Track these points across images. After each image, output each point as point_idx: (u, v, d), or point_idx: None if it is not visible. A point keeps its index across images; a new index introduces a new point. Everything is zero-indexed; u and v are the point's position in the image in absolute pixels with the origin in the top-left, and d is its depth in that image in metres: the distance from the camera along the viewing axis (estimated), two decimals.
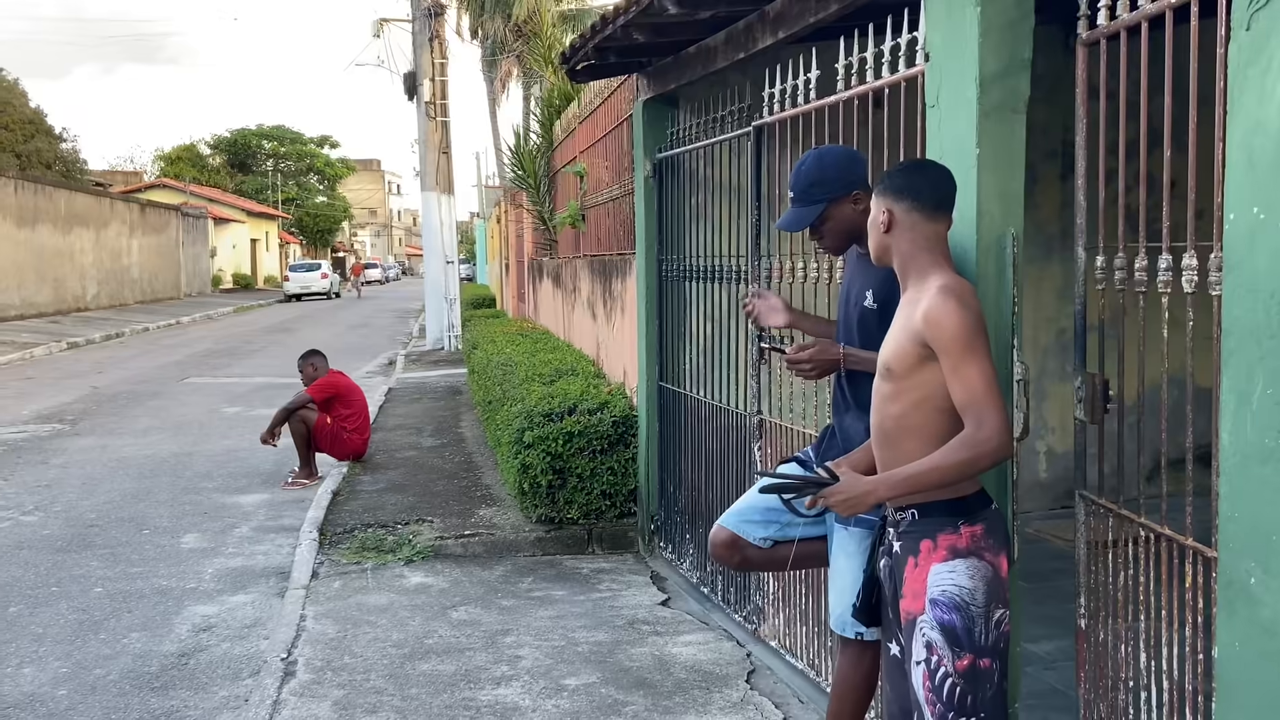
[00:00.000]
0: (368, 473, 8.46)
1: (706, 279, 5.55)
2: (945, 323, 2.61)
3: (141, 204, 39.29)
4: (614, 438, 6.44)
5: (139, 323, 28.56)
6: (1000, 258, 3.15)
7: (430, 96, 17.89)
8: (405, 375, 15.90)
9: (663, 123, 6.10)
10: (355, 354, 19.78)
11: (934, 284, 2.71)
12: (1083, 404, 3.11)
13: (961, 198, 3.18)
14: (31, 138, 41.79)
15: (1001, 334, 3.14)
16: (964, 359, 2.60)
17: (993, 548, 2.74)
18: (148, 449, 10.25)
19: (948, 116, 3.25)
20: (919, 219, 2.77)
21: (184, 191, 49.06)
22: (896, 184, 2.79)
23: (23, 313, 27.16)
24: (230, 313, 35.64)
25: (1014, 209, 3.18)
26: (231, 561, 6.50)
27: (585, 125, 8.96)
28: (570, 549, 6.50)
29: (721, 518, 3.51)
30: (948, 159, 3.25)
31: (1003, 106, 3.14)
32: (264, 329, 27.19)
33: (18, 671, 4.81)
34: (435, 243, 18.31)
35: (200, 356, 19.93)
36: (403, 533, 6.68)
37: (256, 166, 66.11)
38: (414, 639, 5.09)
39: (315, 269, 46.75)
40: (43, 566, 6.40)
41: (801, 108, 4.28)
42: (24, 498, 8.21)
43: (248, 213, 54.85)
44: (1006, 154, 3.16)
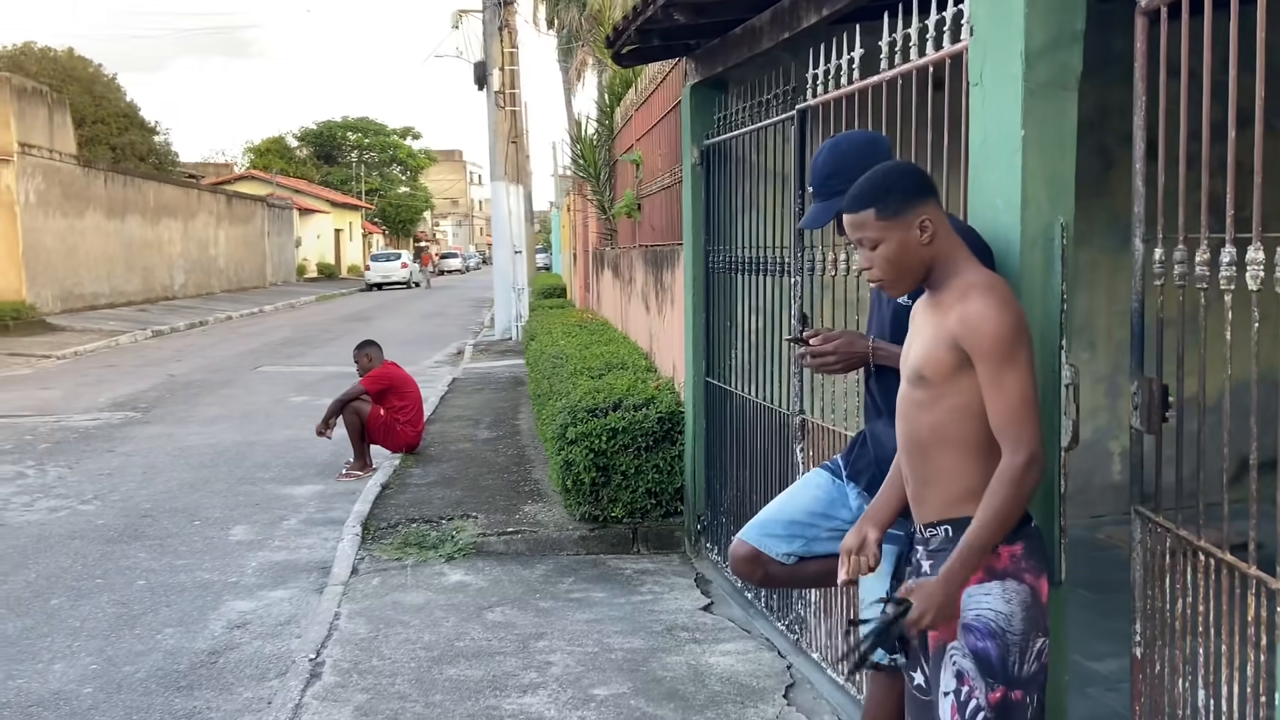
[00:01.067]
0: (419, 465, 8.33)
1: (754, 271, 5.27)
2: (986, 327, 2.33)
3: (228, 195, 40.01)
4: (660, 434, 6.20)
5: (223, 311, 29.05)
6: (1048, 250, 2.84)
7: (499, 86, 17.78)
8: (471, 365, 15.84)
9: (710, 108, 5.83)
10: (426, 343, 19.82)
11: (969, 281, 2.42)
12: (1139, 411, 2.80)
13: (1006, 183, 2.89)
14: (125, 130, 42.81)
15: (1049, 334, 2.84)
16: (1004, 368, 2.33)
17: (1033, 569, 2.45)
18: (211, 438, 10.28)
19: (992, 95, 2.95)
20: (940, 214, 2.49)
21: (271, 183, 49.86)
22: (921, 181, 2.49)
23: (112, 301, 27.77)
24: (312, 301, 36.12)
25: (1063, 196, 2.87)
26: (275, 555, 6.41)
27: (641, 112, 8.71)
28: (614, 548, 6.28)
29: (742, 531, 3.26)
30: (991, 142, 2.95)
31: (1051, 83, 2.83)
32: (341, 318, 27.45)
33: (48, 668, 4.73)
34: (504, 232, 18.22)
35: (276, 345, 20.12)
36: (446, 528, 6.52)
37: (341, 158, 66.99)
38: (445, 641, 4.91)
39: (395, 259, 47.18)
40: (91, 557, 6.37)
41: (845, 89, 3.99)
42: (85, 486, 8.24)
43: (332, 203, 55.61)
44: (1055, 135, 2.85)
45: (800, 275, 4.51)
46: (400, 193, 69.46)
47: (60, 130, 25.40)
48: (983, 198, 3.00)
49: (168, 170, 43.37)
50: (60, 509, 7.53)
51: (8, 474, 8.73)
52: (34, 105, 24.17)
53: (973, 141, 3.05)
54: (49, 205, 24.55)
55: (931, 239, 2.45)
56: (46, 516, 7.33)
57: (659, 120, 7.78)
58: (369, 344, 8.90)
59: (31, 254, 23.56)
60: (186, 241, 33.91)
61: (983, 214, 2.96)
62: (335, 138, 66.83)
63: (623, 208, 9.16)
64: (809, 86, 4.35)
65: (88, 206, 26.68)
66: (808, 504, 3.15)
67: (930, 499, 2.50)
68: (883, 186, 2.44)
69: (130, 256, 29.40)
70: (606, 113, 10.91)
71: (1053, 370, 2.85)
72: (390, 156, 69.04)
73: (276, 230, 44.73)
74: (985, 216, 2.95)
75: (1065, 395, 2.86)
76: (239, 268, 39.37)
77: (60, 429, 10.93)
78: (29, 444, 10.09)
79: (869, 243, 2.45)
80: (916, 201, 2.43)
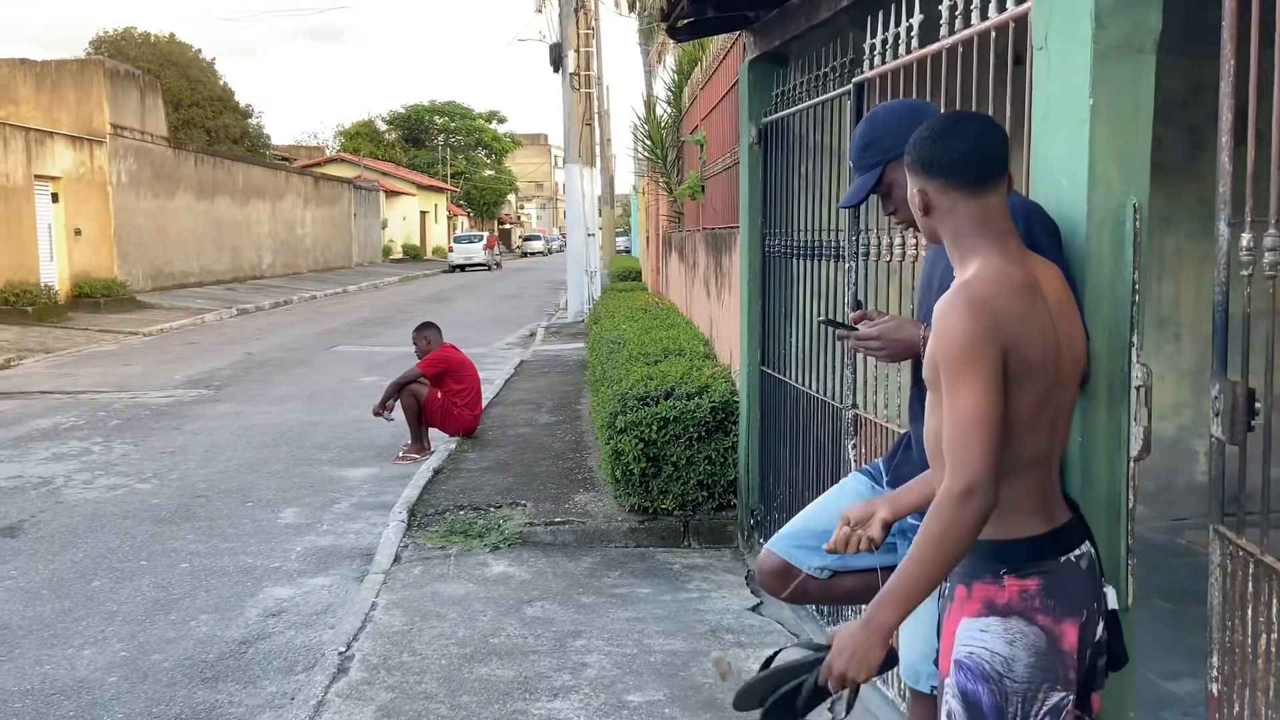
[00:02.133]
0: (475, 450, 8.15)
1: (811, 256, 4.94)
2: (941, 331, 2.00)
3: (315, 177, 40.51)
4: (713, 425, 5.90)
5: (308, 290, 29.38)
6: (1117, 234, 2.49)
7: (574, 67, 17.54)
8: (541, 348, 15.68)
9: (769, 84, 5.49)
10: (501, 325, 19.74)
11: (963, 275, 2.10)
12: (1220, 419, 2.44)
13: (1071, 158, 2.54)
14: (220, 114, 43.61)
15: (1117, 328, 2.49)
16: (955, 381, 1.97)
17: (1053, 611, 2.04)
18: (277, 417, 10.24)
19: (1057, 59, 2.60)
20: (959, 197, 2.11)
21: (358, 165, 50.41)
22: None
23: (201, 280, 28.25)
24: (396, 282, 36.42)
25: (1137, 173, 2.51)
26: (322, 540, 6.27)
27: (704, 91, 8.39)
28: (664, 541, 6.01)
29: (770, 541, 2.95)
30: (1055, 112, 2.60)
31: (1124, 45, 2.47)
32: (422, 298, 27.56)
33: (78, 654, 4.62)
34: (577, 214, 18.01)
35: (354, 325, 20.21)
36: (493, 516, 6.31)
37: (428, 141, 67.57)
38: (480, 637, 4.69)
39: (478, 240, 47.39)
40: (140, 537, 6.30)
41: (903, 59, 3.64)
42: (146, 464, 8.22)
43: (418, 186, 56.09)
44: (1129, 104, 2.49)
45: (855, 260, 4.18)
46: (485, 176, 69.88)
47: (152, 113, 25.83)
48: (1046, 175, 2.65)
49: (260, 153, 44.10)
50: (118, 487, 7.50)
51: (75, 450, 8.76)
52: (127, 88, 24.60)
53: (1035, 112, 2.69)
54: (140, 186, 25.00)
55: (926, 211, 2.16)
56: (104, 494, 7.30)
57: (721, 99, 7.45)
58: (428, 326, 8.75)
59: (123, 233, 24.02)
60: (274, 222, 34.37)
61: (1046, 193, 2.61)
62: (422, 121, 67.42)
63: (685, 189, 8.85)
64: (866, 58, 4.00)
65: (178, 187, 27.13)
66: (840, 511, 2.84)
67: None
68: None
69: (219, 236, 29.87)
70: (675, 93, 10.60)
71: (1121, 370, 2.50)
72: (476, 140, 69.45)
73: (363, 212, 45.20)
74: (1049, 196, 2.60)
75: (1135, 398, 2.51)
76: (325, 248, 39.84)
77: (133, 406, 11.00)
78: (101, 420, 10.16)
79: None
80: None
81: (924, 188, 2.14)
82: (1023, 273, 2.07)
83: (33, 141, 20.75)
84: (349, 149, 59.15)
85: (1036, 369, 2.01)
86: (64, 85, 23.27)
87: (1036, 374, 2.02)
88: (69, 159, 22.11)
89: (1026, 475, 2.07)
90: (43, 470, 8.02)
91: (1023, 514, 2.07)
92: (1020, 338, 1.99)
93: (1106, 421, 2.54)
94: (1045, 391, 2.05)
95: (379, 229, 48.46)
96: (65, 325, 19.06)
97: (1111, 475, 2.55)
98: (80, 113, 23.20)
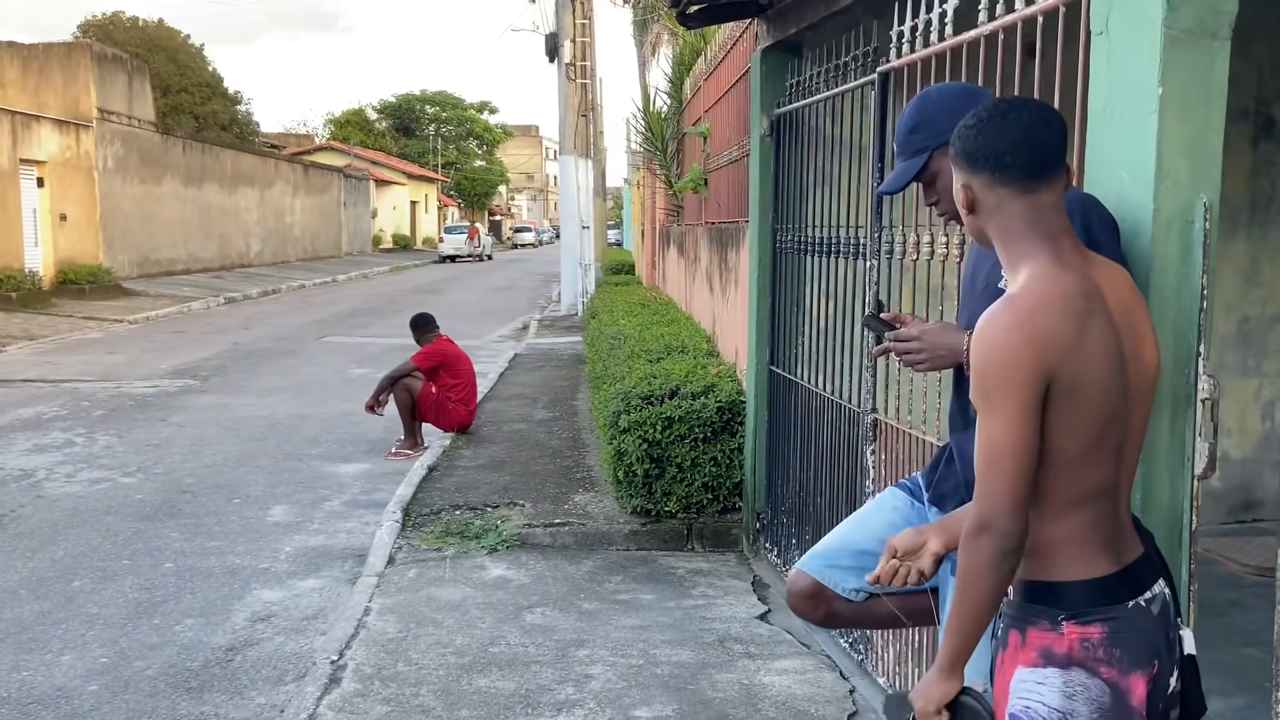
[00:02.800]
0: (470, 446, 7.94)
1: (825, 253, 4.74)
2: (980, 349, 1.82)
3: (305, 165, 40.13)
4: (718, 425, 5.71)
5: (296, 280, 29.08)
6: (1186, 236, 2.30)
7: (570, 58, 17.30)
8: (535, 341, 15.46)
9: (782, 74, 5.30)
10: (493, 317, 19.51)
11: (1010, 288, 1.90)
12: None
13: (1135, 152, 2.35)
14: (208, 100, 43.14)
15: (1183, 337, 2.31)
16: (985, 406, 1.80)
17: (1119, 662, 1.81)
18: (265, 410, 10.01)
19: (1120, 46, 2.40)
20: (1008, 194, 1.89)
21: (348, 154, 50.01)
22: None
23: (189, 267, 27.92)
24: (385, 272, 36.12)
25: (1209, 170, 2.32)
26: (312, 540, 6.06)
27: (710, 81, 8.18)
28: (667, 545, 5.82)
29: (801, 560, 2.76)
30: (1118, 103, 2.40)
31: (1198, 30, 2.28)
32: (412, 289, 27.30)
33: (56, 659, 4.40)
34: (571, 207, 17.77)
35: (344, 315, 19.96)
36: (491, 517, 6.11)
37: (419, 131, 67.12)
38: (478, 646, 4.49)
39: (466, 231, 47.09)
40: (123, 535, 6.07)
41: (934, 47, 3.45)
42: (130, 458, 7.99)
43: (408, 175, 55.70)
44: (1202, 95, 2.30)
45: (877, 258, 3.99)
46: (476, 166, 69.48)
47: (139, 97, 25.48)
48: (1105, 171, 2.46)
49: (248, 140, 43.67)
50: (101, 481, 7.27)
51: (57, 441, 8.53)
52: (114, 72, 24.25)
53: (1093, 104, 2.50)
54: (127, 171, 24.66)
55: (971, 209, 1.96)
56: (86, 489, 7.07)
57: (728, 89, 7.25)
58: (425, 317, 8.51)
59: (109, 219, 23.69)
60: (263, 210, 34.03)
61: (1105, 190, 2.42)
62: (413, 111, 66.97)
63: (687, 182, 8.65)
64: (892, 45, 3.81)
65: (166, 173, 26.79)
66: (881, 531, 2.64)
67: None
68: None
69: (207, 223, 29.53)
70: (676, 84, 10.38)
71: (1186, 381, 2.32)
72: (467, 130, 69.05)
73: (353, 201, 44.85)
74: (1108, 193, 2.40)
75: (1201, 412, 2.33)
76: (315, 237, 39.50)
77: (118, 396, 10.76)
78: (84, 410, 9.91)
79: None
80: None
81: (969, 183, 1.94)
82: (1080, 280, 1.85)
83: (18, 125, 20.42)
84: (339, 137, 58.70)
85: (1097, 391, 1.80)
86: (51, 69, 22.92)
87: (1098, 396, 1.81)
88: (55, 143, 21.77)
89: (1087, 509, 1.85)
90: (23, 462, 7.78)
91: (1084, 552, 1.85)
92: (1073, 359, 1.78)
93: (1170, 437, 2.35)
94: (1110, 413, 1.83)
95: (369, 218, 48.09)
96: (49, 312, 18.76)
97: (1174, 495, 2.38)
98: (67, 96, 22.85)
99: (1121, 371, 1.86)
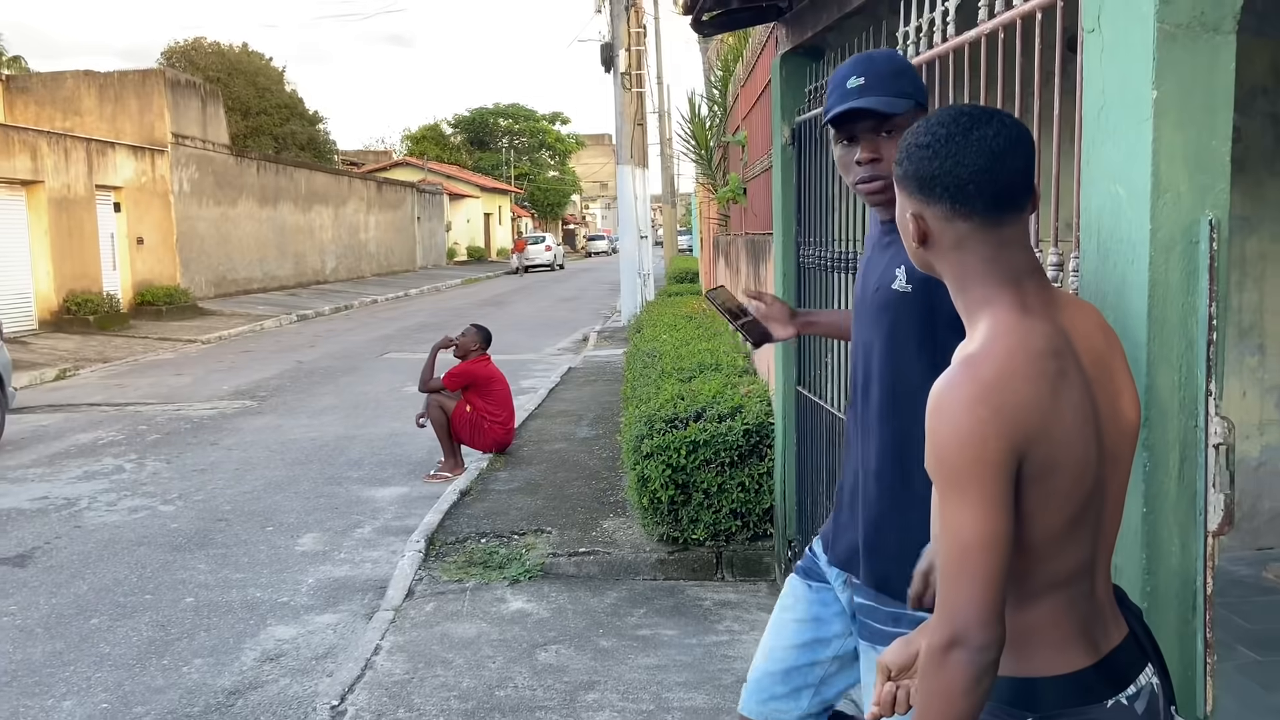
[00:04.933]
0: (507, 468, 7.76)
1: (847, 270, 4.45)
2: (936, 424, 1.48)
3: (378, 182, 40.57)
4: (746, 449, 5.43)
5: (369, 295, 29.34)
6: (1189, 256, 1.99)
7: (626, 67, 17.11)
8: (592, 353, 15.28)
9: (802, 79, 5.01)
10: (555, 329, 19.41)
11: (966, 345, 1.59)
12: None
13: (1130, 164, 2.04)
14: (287, 121, 43.93)
15: (1189, 374, 1.99)
16: (949, 495, 1.47)
17: None
18: (314, 430, 9.96)
19: (1113, 43, 2.10)
20: (968, 229, 1.58)
21: (423, 169, 50.54)
22: (922, 171, 1.58)
23: (265, 285, 28.34)
24: (458, 285, 36.32)
25: (1215, 182, 2.00)
26: (337, 570, 5.91)
27: (745, 88, 7.90)
28: (696, 574, 5.56)
29: (741, 702, 2.44)
30: (1111, 108, 2.10)
31: (1197, 24, 1.96)
32: (480, 302, 27.36)
33: (58, 704, 4.30)
34: (629, 216, 17.56)
35: (409, 330, 20.01)
36: (516, 545, 5.91)
37: (493, 143, 67.64)
38: (485, 689, 4.28)
39: (540, 241, 47.24)
40: (150, 567, 6.00)
41: (938, 48, 3.14)
42: (174, 484, 7.96)
43: (482, 188, 56.10)
44: (1203, 97, 1.98)
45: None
46: (549, 177, 69.77)
47: (214, 121, 25.92)
48: (1100, 185, 2.15)
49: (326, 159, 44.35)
50: (140, 510, 7.23)
51: (107, 468, 8.55)
52: (188, 98, 24.70)
53: (1087, 109, 2.20)
54: (202, 193, 25.10)
55: (923, 241, 1.63)
56: (124, 518, 7.03)
57: (759, 95, 6.98)
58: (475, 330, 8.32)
59: (185, 241, 24.12)
60: (337, 227, 34.45)
61: (1100, 207, 2.12)
62: (487, 124, 67.50)
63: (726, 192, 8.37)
64: (900, 47, 3.51)
65: (240, 194, 27.22)
66: (792, 636, 2.32)
67: None
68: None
69: (282, 242, 29.97)
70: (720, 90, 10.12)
71: (1196, 425, 2.01)
72: (540, 141, 69.37)
73: (427, 215, 45.26)
74: (1104, 210, 2.10)
75: (1213, 460, 2.01)
76: (389, 252, 39.92)
77: (176, 419, 10.81)
78: (140, 435, 9.96)
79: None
80: (913, 186, 1.61)
81: (920, 212, 1.61)
82: (1049, 331, 1.55)
83: (94, 152, 20.87)
84: (415, 152, 59.40)
85: (1075, 464, 1.51)
86: (126, 96, 23.41)
87: (1076, 470, 1.51)
88: (130, 168, 22.22)
89: (1060, 593, 1.56)
90: (69, 491, 7.80)
91: (1054, 643, 1.57)
92: (1048, 431, 1.48)
93: (1177, 488, 2.04)
94: (1091, 486, 1.54)
95: (443, 232, 48.50)
96: (126, 334, 19.11)
97: (1185, 554, 2.05)
98: (142, 122, 23.33)
99: (1098, 434, 1.56)
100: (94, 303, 19.58)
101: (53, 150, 19.48)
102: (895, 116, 2.19)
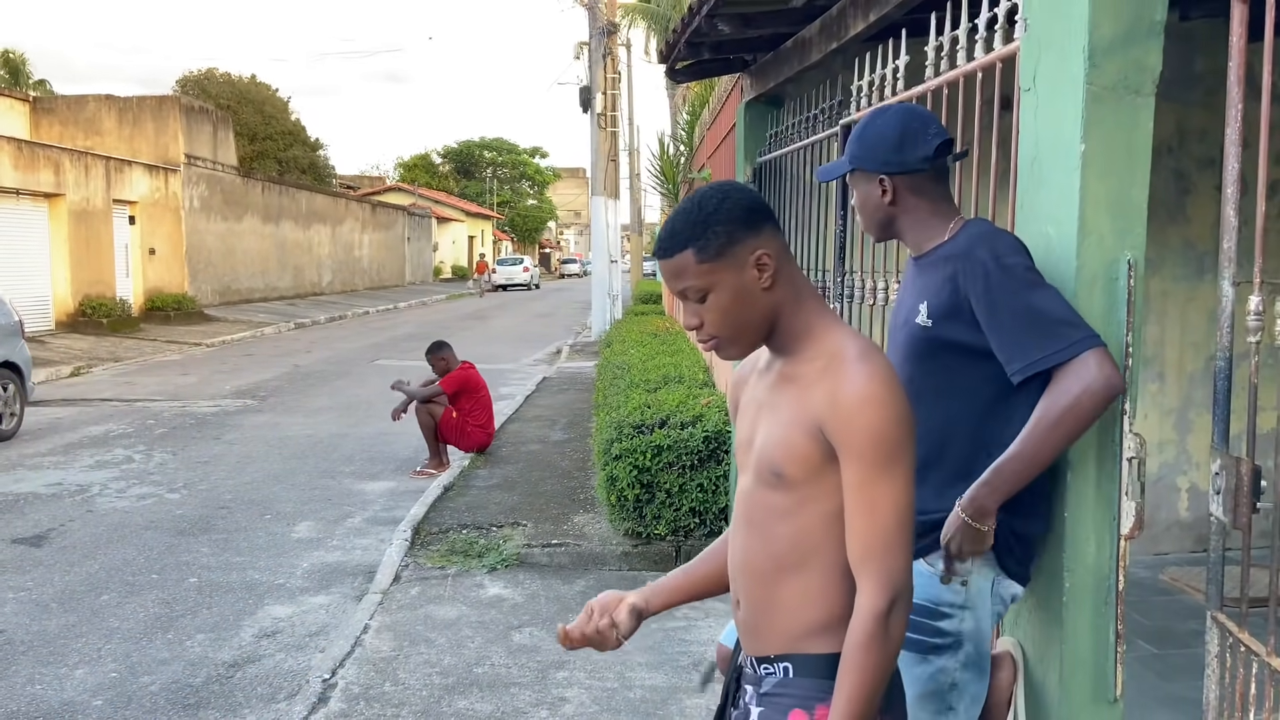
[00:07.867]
0: (486, 466, 7.73)
1: None
2: (867, 418, 1.51)
3: (373, 204, 40.35)
4: (705, 453, 5.46)
5: (361, 307, 29.13)
6: (1110, 292, 2.04)
7: (601, 108, 17.15)
8: (565, 365, 15.26)
9: (764, 124, 5.07)
10: (530, 342, 19.35)
11: (835, 345, 1.60)
12: (1222, 498, 1.98)
13: (1060, 208, 2.10)
14: (290, 146, 43.52)
15: None
16: (880, 476, 1.51)
17: None
18: (310, 428, 9.87)
19: (1046, 101, 2.15)
20: (784, 249, 1.65)
21: (413, 194, 50.28)
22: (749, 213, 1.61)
23: (266, 295, 28.06)
24: (442, 299, 36.14)
25: (1133, 226, 2.06)
26: (330, 556, 5.86)
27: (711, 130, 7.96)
28: (656, 565, 5.56)
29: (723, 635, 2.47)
30: (1044, 159, 2.16)
31: (1121, 87, 2.02)
32: (463, 315, 27.24)
33: (70, 673, 4.23)
34: (601, 243, 17.59)
35: (399, 339, 19.87)
36: (494, 536, 5.89)
37: (478, 173, 67.47)
38: (464, 666, 4.26)
39: (519, 263, 47.14)
40: (156, 550, 5.91)
41: (888, 101, 3.20)
42: (180, 474, 7.86)
43: (466, 213, 55.94)
44: (1124, 151, 2.04)
45: (840, 301, 3.75)
46: (528, 205, 69.69)
47: (223, 144, 25.68)
48: (1034, 225, 2.21)
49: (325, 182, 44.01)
50: (148, 496, 7.13)
51: (118, 458, 8.42)
52: (200, 122, 24.46)
53: (1022, 158, 2.25)
54: (211, 210, 24.84)
55: (773, 281, 1.62)
56: (133, 504, 6.93)
57: (724, 138, 7.03)
58: (442, 345, 8.28)
59: (194, 252, 23.86)
60: (334, 244, 34.20)
61: (1034, 245, 2.17)
62: (473, 155, 67.34)
63: None
64: (854, 99, 3.57)
65: (246, 212, 26.97)
66: None
67: (772, 628, 1.65)
68: (699, 220, 1.59)
69: (283, 256, 29.70)
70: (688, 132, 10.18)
71: (1113, 441, 2.05)
72: (520, 173, 69.29)
73: (416, 236, 45.04)
74: (1036, 248, 2.15)
75: (1127, 472, 2.06)
76: (381, 268, 39.67)
77: (182, 415, 10.68)
78: (149, 428, 9.83)
79: (694, 293, 1.61)
80: (744, 233, 1.59)
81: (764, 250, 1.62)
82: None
83: (112, 169, 20.60)
84: (407, 179, 59.14)
85: None
86: (144, 119, 23.14)
87: None
88: (145, 185, 21.95)
89: None
90: (82, 478, 7.68)
91: None
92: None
93: (1095, 496, 2.09)
94: None
95: (430, 251, 48.28)
96: (136, 336, 18.85)
97: (1100, 554, 2.10)
98: (158, 144, 23.07)
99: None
100: (108, 307, 19.31)
101: (74, 166, 19.22)
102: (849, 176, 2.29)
